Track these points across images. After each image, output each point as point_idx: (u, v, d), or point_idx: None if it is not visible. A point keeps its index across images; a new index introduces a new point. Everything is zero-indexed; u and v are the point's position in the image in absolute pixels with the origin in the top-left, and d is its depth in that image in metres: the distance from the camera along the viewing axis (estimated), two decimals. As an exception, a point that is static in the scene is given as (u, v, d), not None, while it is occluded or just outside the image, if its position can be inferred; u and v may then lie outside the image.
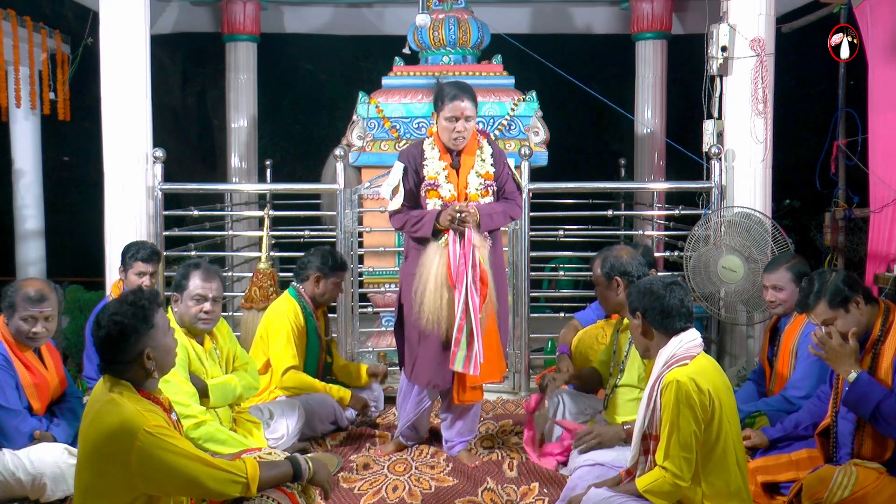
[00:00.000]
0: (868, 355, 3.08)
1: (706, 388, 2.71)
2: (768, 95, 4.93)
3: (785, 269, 3.86)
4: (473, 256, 3.68)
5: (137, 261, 4.42)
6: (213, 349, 3.67)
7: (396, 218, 3.82)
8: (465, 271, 3.66)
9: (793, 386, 3.66)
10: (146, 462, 2.36)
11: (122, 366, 2.50)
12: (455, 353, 3.69)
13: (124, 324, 2.49)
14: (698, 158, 5.44)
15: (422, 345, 3.81)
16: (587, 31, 9.03)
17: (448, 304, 3.67)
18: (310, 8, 8.91)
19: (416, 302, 3.72)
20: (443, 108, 3.74)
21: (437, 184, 3.76)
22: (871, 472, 2.93)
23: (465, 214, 3.67)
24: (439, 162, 3.78)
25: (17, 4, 6.73)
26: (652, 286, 2.93)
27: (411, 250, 3.88)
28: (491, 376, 3.85)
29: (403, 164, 3.80)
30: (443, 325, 3.70)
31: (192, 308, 3.53)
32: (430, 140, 3.85)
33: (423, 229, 3.73)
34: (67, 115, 7.40)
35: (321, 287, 4.44)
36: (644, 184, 8.03)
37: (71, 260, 9.40)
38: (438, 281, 3.67)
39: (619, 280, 3.67)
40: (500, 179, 3.89)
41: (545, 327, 5.84)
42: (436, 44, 6.24)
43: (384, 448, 4.08)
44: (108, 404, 2.43)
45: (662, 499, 2.75)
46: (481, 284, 3.71)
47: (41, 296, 3.50)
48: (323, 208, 6.50)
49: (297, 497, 2.67)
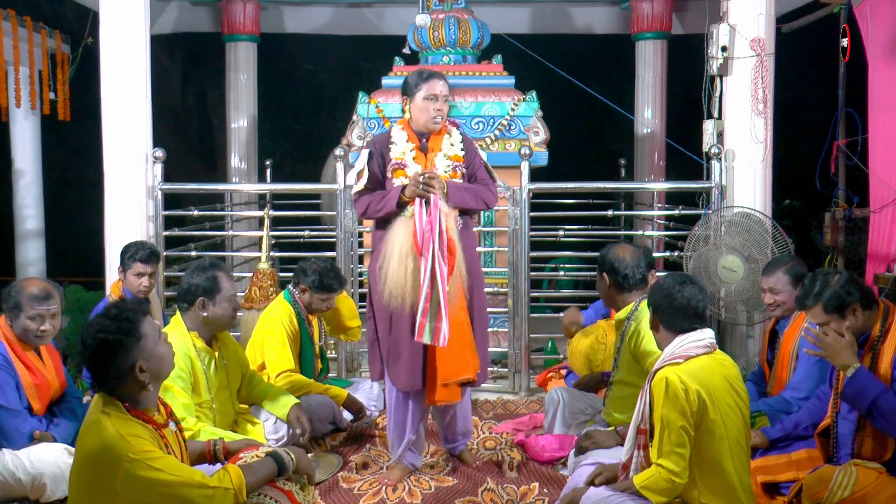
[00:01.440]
0: (867, 355, 3.07)
1: (694, 388, 2.70)
2: (768, 95, 4.93)
3: (782, 272, 3.85)
4: (440, 223, 3.49)
5: (136, 261, 4.41)
6: (220, 358, 3.68)
7: (360, 201, 3.67)
8: (432, 238, 3.46)
9: (793, 387, 3.66)
10: (132, 486, 2.34)
11: (115, 381, 2.44)
12: (423, 325, 3.45)
13: (109, 340, 2.41)
14: (698, 158, 5.44)
15: (394, 341, 3.62)
16: (587, 31, 9.03)
17: (413, 274, 3.47)
18: (310, 8, 8.92)
19: (379, 279, 3.54)
20: (418, 89, 3.64)
21: (404, 163, 3.65)
22: (872, 472, 2.93)
23: (430, 177, 3.51)
24: (407, 143, 3.68)
25: (17, 4, 6.73)
26: (664, 282, 2.94)
27: (377, 242, 3.69)
28: (463, 372, 3.58)
29: (369, 150, 3.73)
30: (408, 299, 3.48)
31: (228, 309, 3.64)
32: (397, 126, 3.75)
33: (389, 203, 3.58)
34: (67, 115, 7.40)
35: (307, 298, 4.40)
36: (644, 184, 8.02)
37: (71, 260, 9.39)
38: (403, 250, 3.49)
39: (605, 276, 3.70)
40: (472, 167, 3.77)
41: (545, 327, 5.84)
42: (436, 44, 6.24)
43: (390, 476, 3.73)
44: (94, 426, 2.40)
45: (660, 495, 2.75)
46: (449, 254, 3.50)
47: (46, 293, 3.51)
48: (323, 208, 6.51)
49: (294, 495, 2.67)
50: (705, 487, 2.76)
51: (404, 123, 3.74)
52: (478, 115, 5.85)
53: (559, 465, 3.83)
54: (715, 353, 2.85)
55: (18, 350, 3.49)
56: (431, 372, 3.58)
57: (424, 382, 3.62)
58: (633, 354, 3.55)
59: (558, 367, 4.85)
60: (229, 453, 2.83)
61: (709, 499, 2.76)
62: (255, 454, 2.74)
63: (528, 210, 5.09)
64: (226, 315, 3.64)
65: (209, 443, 2.87)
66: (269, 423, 3.86)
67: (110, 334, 2.42)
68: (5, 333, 3.50)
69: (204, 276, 3.61)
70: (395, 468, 3.77)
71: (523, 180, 5.08)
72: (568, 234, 6.04)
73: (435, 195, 3.50)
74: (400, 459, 3.78)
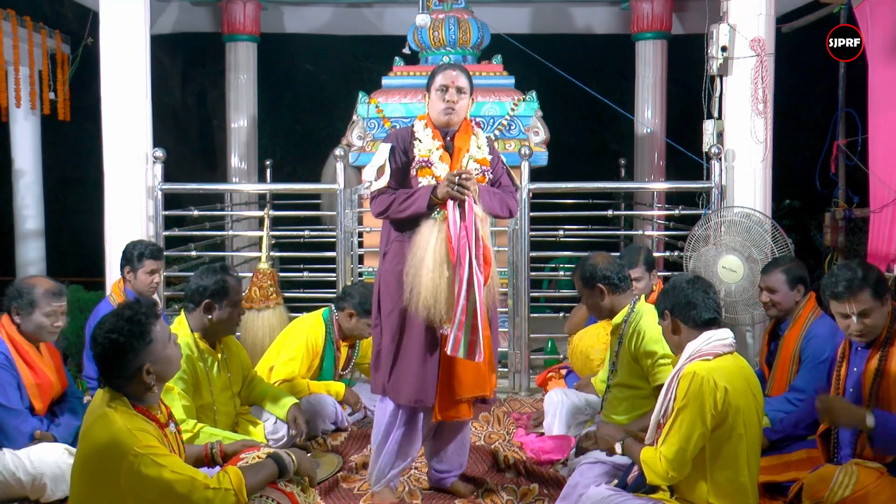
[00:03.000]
0: (874, 356, 3.05)
1: (723, 385, 2.67)
2: (768, 95, 4.94)
3: (780, 272, 3.85)
4: (476, 229, 3.21)
5: (147, 259, 4.40)
6: (223, 359, 3.69)
7: (380, 199, 3.31)
8: (468, 244, 3.17)
9: (796, 388, 3.66)
10: (136, 482, 2.36)
11: (121, 380, 2.47)
12: (459, 338, 3.16)
13: (120, 342, 2.44)
14: (698, 158, 5.44)
15: (403, 352, 3.32)
16: (587, 31, 9.03)
17: (449, 285, 3.16)
18: (310, 8, 8.92)
19: (407, 287, 3.21)
20: (433, 80, 3.37)
21: (430, 162, 3.32)
22: (873, 472, 2.92)
23: (467, 178, 3.20)
24: (433, 141, 3.36)
25: (17, 4, 6.73)
26: (675, 283, 2.93)
27: (393, 244, 3.37)
28: (481, 388, 3.34)
29: (391, 144, 3.37)
30: (442, 309, 3.18)
31: (234, 315, 3.66)
32: (421, 122, 3.43)
33: (418, 203, 3.24)
34: (67, 115, 7.40)
35: (352, 323, 4.33)
36: (644, 184, 8.03)
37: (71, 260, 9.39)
38: (437, 257, 3.17)
39: (601, 287, 3.65)
40: (496, 171, 3.50)
41: (545, 327, 5.84)
42: (436, 44, 6.24)
43: (381, 498, 3.47)
44: (101, 419, 2.41)
45: (655, 478, 2.75)
46: (484, 263, 3.23)
47: (60, 290, 3.56)
48: (323, 208, 6.50)
49: (296, 497, 2.67)
50: (714, 486, 2.74)
51: (426, 119, 3.43)
52: (478, 115, 5.85)
53: (559, 466, 3.83)
54: (735, 354, 2.84)
55: (21, 349, 3.50)
56: (444, 386, 3.31)
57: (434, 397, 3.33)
58: (632, 356, 3.55)
59: (558, 367, 4.85)
60: (227, 455, 2.84)
61: (716, 499, 2.74)
62: (255, 455, 2.74)
63: (528, 210, 5.09)
64: (230, 320, 3.66)
65: (206, 446, 2.87)
66: (269, 424, 3.87)
67: (122, 336, 2.44)
68: (9, 332, 3.51)
69: (213, 279, 3.60)
70: (382, 492, 3.47)
71: (523, 180, 5.08)
72: (568, 234, 6.05)
73: (470, 198, 3.22)
74: (386, 482, 3.48)
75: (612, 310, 3.68)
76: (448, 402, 3.32)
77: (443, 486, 3.59)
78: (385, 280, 3.38)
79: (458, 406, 3.35)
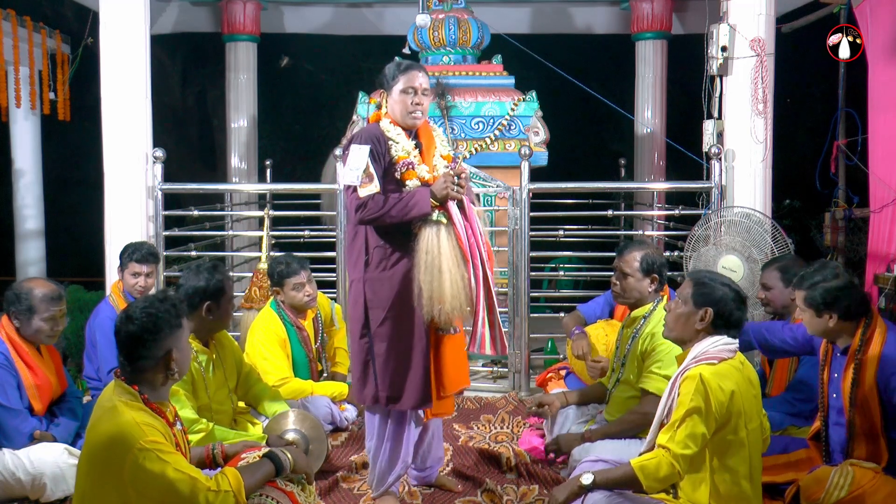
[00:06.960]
0: (850, 366, 3.08)
1: (729, 388, 2.68)
2: (768, 95, 4.93)
3: (775, 269, 3.88)
4: (478, 226, 3.28)
5: (132, 261, 4.37)
6: (217, 356, 3.68)
7: (372, 206, 3.17)
8: (476, 242, 3.23)
9: (795, 388, 3.66)
10: (139, 476, 2.37)
11: (147, 362, 2.48)
12: (483, 335, 3.23)
13: (158, 317, 2.47)
14: (698, 158, 5.44)
15: (402, 359, 3.27)
16: (587, 31, 9.04)
17: (466, 283, 3.19)
18: (310, 8, 8.92)
19: (426, 295, 3.13)
20: (396, 81, 3.29)
21: (413, 163, 3.26)
22: (868, 472, 2.93)
23: (466, 176, 3.23)
24: (408, 141, 3.30)
25: (17, 4, 6.73)
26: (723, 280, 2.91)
27: (374, 251, 3.28)
28: (465, 382, 3.45)
29: (369, 146, 3.22)
30: (465, 309, 3.21)
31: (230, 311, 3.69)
32: (385, 121, 3.32)
33: (420, 206, 3.16)
34: (67, 115, 7.40)
35: (284, 297, 4.41)
36: (644, 184, 8.03)
37: (71, 260, 9.38)
38: (453, 259, 3.15)
39: (656, 277, 3.66)
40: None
41: (545, 327, 5.84)
42: (436, 44, 6.24)
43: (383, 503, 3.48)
44: (110, 412, 2.43)
45: (655, 482, 2.67)
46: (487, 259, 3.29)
47: (59, 294, 3.55)
48: (323, 208, 6.49)
49: (296, 496, 2.68)
50: (715, 489, 2.73)
51: (390, 118, 3.34)
52: (478, 115, 5.86)
53: (559, 466, 3.83)
54: (737, 356, 2.84)
55: (21, 350, 3.50)
56: (435, 385, 3.34)
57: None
58: (641, 355, 3.55)
59: (558, 367, 4.84)
60: (228, 456, 2.86)
61: (717, 500, 2.73)
62: (256, 455, 2.77)
63: (528, 210, 5.09)
64: (228, 316, 3.68)
65: (208, 447, 2.90)
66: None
67: (160, 312, 2.48)
68: (8, 333, 3.51)
69: (208, 278, 3.57)
70: (385, 498, 3.48)
71: (523, 180, 5.08)
72: (568, 234, 6.05)
73: (467, 196, 3.26)
74: (386, 489, 3.47)
75: (639, 301, 3.68)
76: (437, 400, 3.36)
77: (429, 482, 3.64)
78: (372, 288, 3.29)
79: (445, 402, 3.42)
